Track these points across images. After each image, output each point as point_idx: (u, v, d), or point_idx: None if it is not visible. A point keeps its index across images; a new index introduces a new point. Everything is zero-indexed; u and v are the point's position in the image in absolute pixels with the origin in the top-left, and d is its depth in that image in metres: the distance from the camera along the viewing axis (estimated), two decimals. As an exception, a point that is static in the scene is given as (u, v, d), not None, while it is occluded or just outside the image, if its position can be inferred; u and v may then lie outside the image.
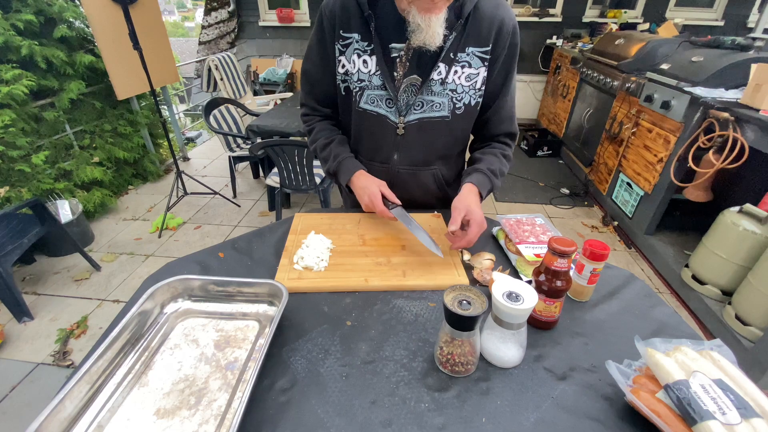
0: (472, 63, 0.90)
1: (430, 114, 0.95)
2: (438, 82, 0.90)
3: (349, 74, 0.94)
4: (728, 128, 1.81)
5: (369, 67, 0.91)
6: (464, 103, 0.95)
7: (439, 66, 0.88)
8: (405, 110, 0.94)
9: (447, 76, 0.90)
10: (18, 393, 1.61)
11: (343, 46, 0.91)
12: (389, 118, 0.96)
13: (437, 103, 0.93)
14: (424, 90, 0.91)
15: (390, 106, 0.94)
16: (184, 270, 0.88)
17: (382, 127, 0.98)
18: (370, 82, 0.92)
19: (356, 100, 0.96)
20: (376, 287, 0.82)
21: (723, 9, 4.35)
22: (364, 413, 0.57)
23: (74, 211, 2.45)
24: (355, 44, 0.90)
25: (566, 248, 0.64)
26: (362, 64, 0.91)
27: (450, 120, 0.96)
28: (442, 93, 0.92)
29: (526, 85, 4.89)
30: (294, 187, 2.38)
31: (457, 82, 0.91)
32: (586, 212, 3.06)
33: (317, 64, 0.98)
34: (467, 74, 0.91)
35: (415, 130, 0.97)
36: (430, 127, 0.96)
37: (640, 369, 0.60)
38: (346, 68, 0.93)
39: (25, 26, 2.36)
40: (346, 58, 0.92)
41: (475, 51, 0.89)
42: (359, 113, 0.97)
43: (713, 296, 1.91)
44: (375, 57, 0.89)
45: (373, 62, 0.90)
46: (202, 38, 4.62)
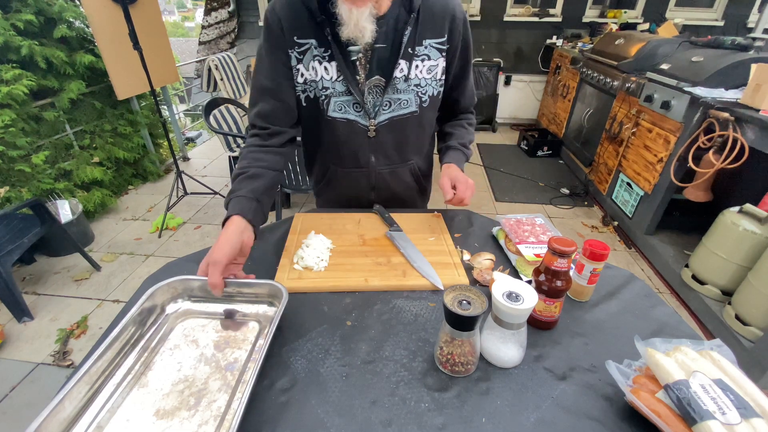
0: (430, 55, 0.91)
1: (399, 112, 0.95)
2: (401, 79, 0.90)
3: (309, 82, 0.90)
4: (728, 128, 1.81)
5: (330, 73, 0.88)
6: (429, 96, 0.96)
7: (399, 63, 0.88)
8: (374, 112, 0.94)
9: (409, 72, 0.90)
10: (18, 393, 1.61)
11: (300, 54, 0.87)
12: (359, 122, 0.95)
13: (404, 100, 0.94)
14: (390, 89, 0.91)
15: (358, 111, 0.93)
16: (184, 270, 0.87)
17: (354, 133, 0.96)
18: (335, 89, 0.90)
19: (324, 109, 0.93)
20: (376, 287, 0.82)
21: (723, 9, 4.35)
22: (364, 413, 0.57)
23: (74, 211, 2.45)
24: (313, 50, 0.87)
25: (566, 248, 0.64)
26: (323, 71, 0.88)
27: (418, 114, 0.98)
28: (408, 89, 0.93)
29: (526, 85, 4.89)
30: (294, 187, 2.38)
31: (420, 76, 0.92)
32: (586, 212, 3.06)
33: (270, 77, 0.90)
34: (428, 67, 0.92)
35: (387, 130, 0.97)
36: (400, 124, 0.97)
37: (640, 369, 0.60)
38: (305, 77, 0.90)
39: (25, 26, 2.36)
40: (304, 65, 0.88)
41: (431, 43, 0.90)
42: (329, 122, 0.95)
43: (713, 296, 1.91)
44: (335, 63, 0.87)
45: (334, 68, 0.88)
46: (202, 38, 4.62)
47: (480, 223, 1.07)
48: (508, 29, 4.62)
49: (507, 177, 3.63)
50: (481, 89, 4.69)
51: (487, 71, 4.61)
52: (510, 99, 4.98)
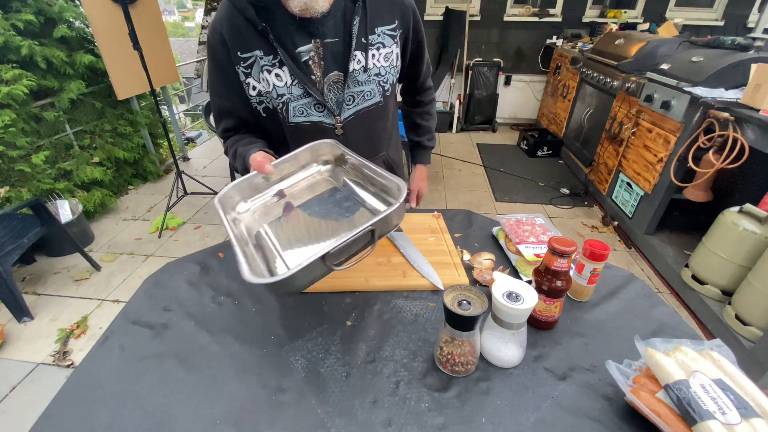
0: (385, 42, 0.90)
1: (364, 104, 0.94)
2: (360, 71, 0.89)
3: (264, 94, 0.88)
4: (728, 128, 1.81)
5: (284, 79, 0.86)
6: (390, 84, 0.96)
7: (356, 55, 0.87)
8: (337, 109, 0.92)
9: (367, 62, 0.88)
10: (18, 393, 1.61)
11: (247, 68, 0.85)
12: (324, 122, 0.92)
13: (367, 91, 0.92)
14: (350, 83, 0.89)
15: (320, 110, 0.91)
16: (184, 270, 0.88)
17: (320, 134, 0.93)
18: (292, 94, 0.87)
19: (284, 116, 0.90)
20: (376, 287, 0.82)
21: (723, 9, 4.35)
22: (365, 413, 0.57)
23: (74, 211, 2.45)
24: (259, 62, 0.84)
25: (566, 248, 0.64)
26: (276, 78, 0.85)
27: (383, 104, 0.97)
28: (369, 80, 0.91)
29: (526, 85, 4.89)
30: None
31: (378, 65, 0.91)
32: (586, 212, 3.06)
33: (225, 96, 0.92)
34: (384, 54, 0.91)
35: (354, 125, 0.95)
36: (367, 117, 0.96)
37: (640, 369, 0.60)
38: (258, 89, 0.88)
39: (25, 26, 2.36)
40: (254, 78, 0.87)
41: (384, 30, 0.89)
42: (292, 128, 0.92)
43: (713, 296, 1.91)
44: (286, 67, 0.84)
45: (287, 73, 0.85)
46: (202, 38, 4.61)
47: (480, 223, 1.07)
48: (508, 29, 4.62)
49: (507, 177, 3.63)
50: (481, 89, 4.69)
51: (487, 71, 4.61)
52: (510, 99, 4.98)
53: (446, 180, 3.58)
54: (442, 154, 4.14)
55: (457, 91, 4.81)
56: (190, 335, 0.71)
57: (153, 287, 0.83)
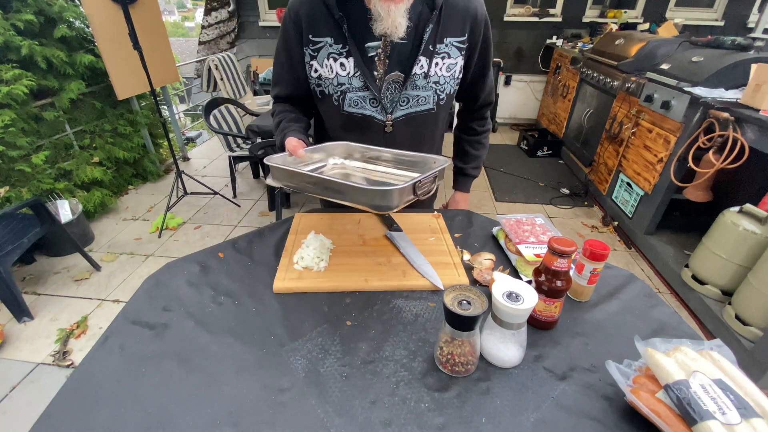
0: (450, 53, 0.92)
1: (417, 108, 0.96)
2: (421, 76, 0.91)
3: (324, 79, 0.91)
4: (728, 128, 1.81)
5: (347, 69, 0.89)
6: (447, 94, 0.97)
7: (420, 60, 0.88)
8: (391, 108, 0.94)
9: (429, 69, 0.90)
10: (18, 393, 1.61)
11: (314, 51, 0.89)
12: (376, 117, 0.95)
13: (422, 96, 0.94)
14: (408, 85, 0.91)
15: (375, 106, 0.93)
16: (184, 270, 0.88)
17: (369, 127, 0.97)
18: (351, 85, 0.90)
19: (340, 104, 0.94)
20: (376, 287, 0.82)
21: (723, 9, 4.35)
22: (364, 413, 0.57)
23: (74, 211, 2.45)
24: (328, 48, 0.88)
25: (566, 248, 0.64)
26: (339, 67, 0.88)
27: (435, 112, 0.98)
28: (426, 87, 0.93)
29: (526, 85, 4.89)
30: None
31: (440, 74, 0.92)
32: (586, 212, 3.06)
33: (285, 66, 0.97)
34: (447, 65, 0.92)
35: (403, 126, 0.97)
36: (417, 121, 0.98)
37: (640, 369, 0.60)
38: (320, 73, 0.91)
39: (25, 26, 2.36)
40: (318, 62, 0.90)
41: (452, 41, 0.91)
42: (345, 116, 0.96)
43: (713, 296, 1.91)
44: (352, 59, 0.87)
45: (351, 64, 0.88)
46: (202, 38, 4.62)
47: (480, 223, 1.07)
48: (508, 29, 4.62)
49: (507, 177, 3.63)
50: (481, 89, 4.69)
51: (487, 71, 4.61)
52: (510, 99, 4.98)
53: (446, 180, 3.57)
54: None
55: (457, 91, 4.81)
56: (190, 335, 0.71)
57: (153, 287, 0.83)
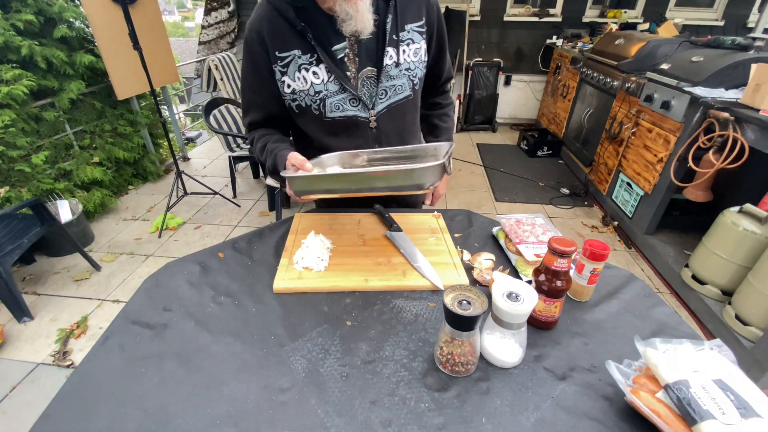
0: (414, 39, 0.95)
1: (396, 98, 0.98)
2: (393, 66, 0.93)
3: (299, 92, 0.92)
4: (728, 128, 1.81)
5: (321, 76, 0.90)
6: (419, 78, 1.00)
7: (388, 51, 0.91)
8: (371, 103, 0.96)
9: (399, 58, 0.93)
10: (18, 393, 1.61)
11: (283, 66, 0.90)
12: (359, 116, 0.96)
13: (398, 85, 0.97)
14: (383, 78, 0.93)
15: (355, 105, 0.95)
16: (184, 270, 0.88)
17: (355, 127, 0.98)
18: (328, 90, 0.91)
19: (322, 112, 0.94)
20: (376, 287, 0.82)
21: (723, 9, 4.35)
22: (364, 413, 0.57)
23: (74, 211, 2.45)
24: (297, 60, 0.89)
25: (566, 248, 0.64)
26: (313, 76, 0.90)
27: (413, 97, 1.02)
28: (400, 75, 0.96)
29: (526, 85, 4.89)
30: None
31: (409, 60, 0.96)
32: (586, 212, 3.06)
33: (257, 92, 0.97)
34: (414, 50, 0.96)
35: (387, 118, 0.99)
36: (398, 110, 1.00)
37: (640, 369, 0.60)
38: (293, 87, 0.92)
39: (25, 26, 2.36)
40: (289, 77, 0.91)
41: (413, 27, 0.95)
42: (329, 123, 0.97)
43: (713, 296, 1.91)
44: (323, 65, 0.89)
45: (323, 71, 0.89)
46: (202, 38, 4.62)
47: (480, 223, 1.07)
48: (508, 29, 4.62)
49: (507, 177, 3.63)
50: (481, 89, 4.69)
51: (487, 71, 4.61)
52: (510, 99, 4.98)
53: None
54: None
55: (457, 91, 4.81)
56: (190, 335, 0.71)
57: (153, 287, 0.83)
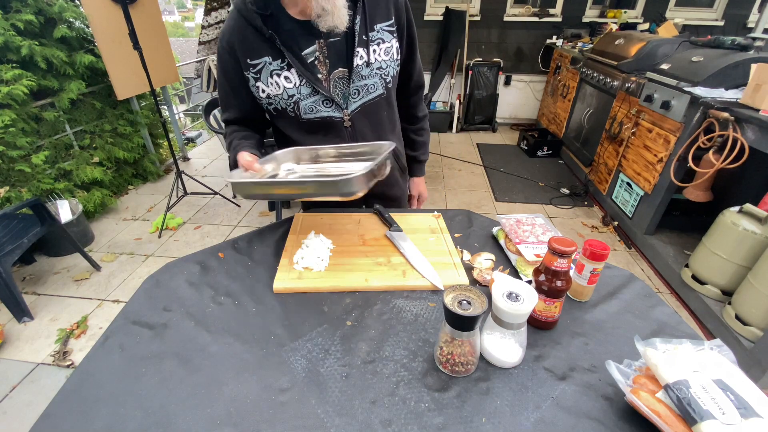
0: (384, 38, 0.96)
1: (369, 97, 0.99)
2: (363, 65, 0.94)
3: (273, 96, 0.94)
4: (728, 128, 1.81)
5: (293, 80, 0.91)
6: (391, 76, 1.01)
7: (358, 51, 0.92)
8: (345, 103, 0.97)
9: (369, 57, 0.94)
10: (18, 393, 1.61)
11: (256, 73, 0.92)
12: (334, 116, 0.98)
13: (370, 84, 0.98)
14: (354, 78, 0.94)
15: (328, 106, 0.96)
16: (184, 270, 0.88)
17: (330, 127, 1.00)
18: (301, 94, 0.93)
19: (297, 114, 0.96)
20: (376, 287, 0.82)
21: (723, 9, 4.35)
22: (364, 413, 0.57)
23: (74, 211, 2.45)
24: (268, 67, 0.90)
25: (566, 248, 0.64)
26: (285, 81, 0.91)
27: (386, 95, 1.03)
28: (371, 74, 0.97)
29: (526, 85, 4.89)
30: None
31: (380, 59, 0.96)
32: (586, 212, 3.06)
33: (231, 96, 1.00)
34: (384, 49, 0.97)
35: (361, 117, 1.00)
36: (372, 108, 1.01)
37: (640, 369, 0.60)
38: (267, 92, 0.94)
39: (25, 26, 2.36)
40: (263, 83, 0.93)
41: (382, 27, 0.95)
42: (305, 124, 0.98)
43: (713, 296, 1.91)
44: (294, 69, 0.90)
45: (295, 75, 0.91)
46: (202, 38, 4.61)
47: (480, 223, 1.07)
48: (508, 29, 4.62)
49: (507, 177, 3.63)
50: (481, 89, 4.69)
51: (487, 71, 4.61)
52: (510, 99, 4.98)
53: (446, 180, 3.58)
54: (442, 154, 4.14)
55: (457, 91, 4.81)
56: (190, 335, 0.71)
57: (153, 287, 0.83)
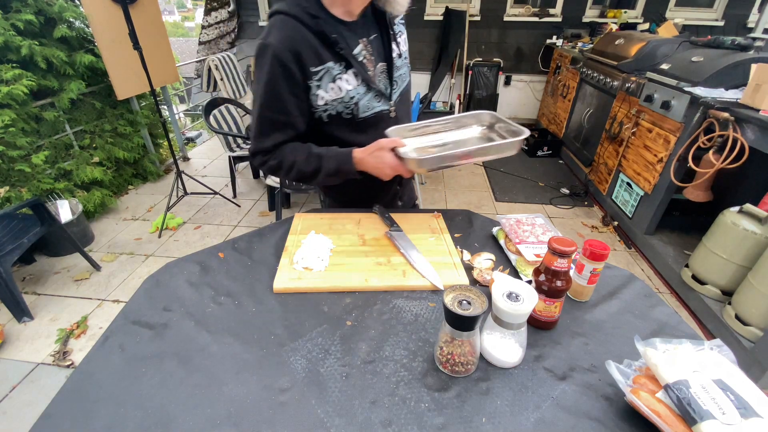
0: (402, 30, 1.05)
1: (403, 86, 1.08)
2: (397, 57, 1.02)
3: (330, 102, 0.94)
4: (728, 128, 1.81)
5: (351, 82, 0.94)
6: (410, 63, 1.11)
7: (393, 46, 1.00)
8: (389, 94, 1.03)
9: (400, 49, 1.03)
10: (18, 393, 1.61)
11: (318, 80, 0.91)
12: (384, 109, 1.03)
13: (403, 73, 1.06)
14: (393, 70, 1.02)
15: (379, 100, 1.01)
16: (184, 270, 0.88)
17: (381, 121, 1.04)
18: (359, 93, 0.96)
19: (354, 115, 0.98)
20: (376, 287, 0.82)
21: (723, 9, 4.35)
22: (364, 413, 0.57)
23: (74, 211, 2.45)
24: (331, 72, 0.91)
25: (566, 248, 0.64)
26: (346, 83, 0.93)
27: (410, 80, 1.12)
28: (403, 64, 1.06)
29: (526, 85, 4.89)
30: (294, 187, 2.38)
31: (404, 49, 1.06)
32: (586, 212, 3.06)
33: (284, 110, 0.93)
34: (404, 40, 1.06)
35: (400, 105, 1.08)
36: (405, 96, 1.11)
37: (640, 369, 0.60)
38: (325, 98, 0.94)
39: (25, 26, 2.36)
40: (323, 90, 0.93)
41: (398, 20, 1.04)
42: (360, 123, 1.00)
43: (713, 296, 1.91)
44: (352, 70, 0.93)
45: (352, 76, 0.94)
46: (202, 38, 4.62)
47: (480, 223, 1.07)
48: (508, 29, 4.62)
49: (507, 177, 3.63)
50: (481, 89, 4.69)
51: (487, 71, 4.61)
52: (510, 99, 4.98)
53: (446, 180, 3.58)
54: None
55: (457, 91, 4.81)
56: (190, 335, 0.71)
57: (153, 287, 0.83)
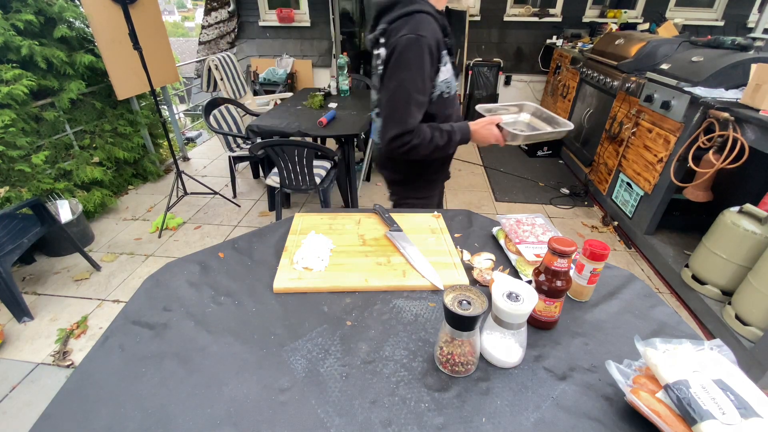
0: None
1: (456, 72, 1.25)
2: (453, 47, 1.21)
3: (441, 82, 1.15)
4: (728, 128, 1.81)
5: (449, 67, 1.17)
6: None
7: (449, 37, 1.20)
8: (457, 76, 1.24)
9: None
10: (18, 393, 1.61)
11: (444, 64, 1.15)
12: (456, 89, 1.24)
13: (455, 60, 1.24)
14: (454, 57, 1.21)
15: (457, 82, 1.23)
16: (184, 270, 0.88)
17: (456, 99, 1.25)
18: (453, 76, 1.20)
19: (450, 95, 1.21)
20: (376, 287, 0.82)
21: (723, 9, 4.35)
22: (364, 413, 0.57)
23: (74, 211, 2.45)
24: (444, 58, 1.14)
25: (566, 248, 0.64)
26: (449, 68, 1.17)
27: None
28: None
29: (526, 85, 4.89)
30: (294, 187, 2.38)
31: None
32: (586, 212, 3.06)
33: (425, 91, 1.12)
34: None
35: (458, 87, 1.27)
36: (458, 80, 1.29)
37: (640, 369, 0.60)
38: (443, 78, 1.15)
39: (25, 26, 2.36)
40: (443, 72, 1.15)
41: None
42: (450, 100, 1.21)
43: (713, 296, 1.91)
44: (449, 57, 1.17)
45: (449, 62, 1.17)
46: (202, 38, 4.62)
47: (480, 223, 1.07)
48: (508, 29, 4.62)
49: (507, 177, 3.63)
50: (481, 89, 4.69)
51: (487, 71, 4.61)
52: (510, 99, 4.98)
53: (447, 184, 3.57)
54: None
55: (457, 91, 4.81)
56: (190, 335, 0.71)
57: (153, 287, 0.83)
